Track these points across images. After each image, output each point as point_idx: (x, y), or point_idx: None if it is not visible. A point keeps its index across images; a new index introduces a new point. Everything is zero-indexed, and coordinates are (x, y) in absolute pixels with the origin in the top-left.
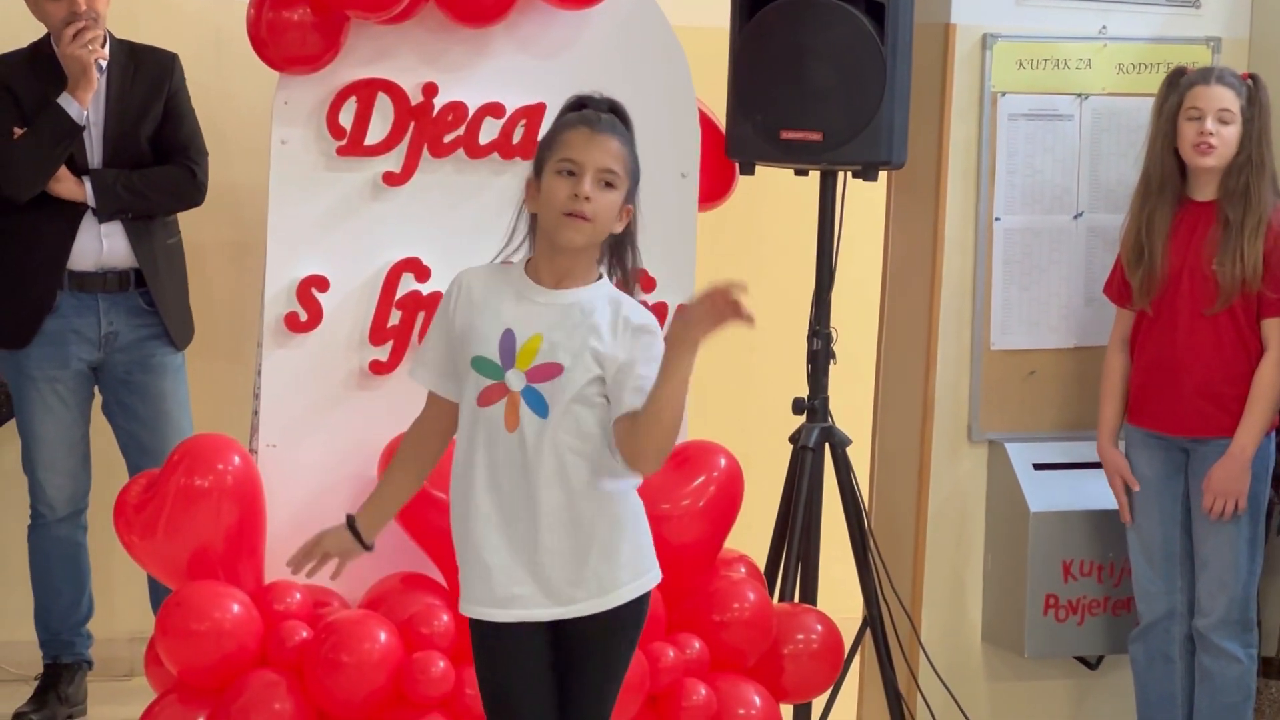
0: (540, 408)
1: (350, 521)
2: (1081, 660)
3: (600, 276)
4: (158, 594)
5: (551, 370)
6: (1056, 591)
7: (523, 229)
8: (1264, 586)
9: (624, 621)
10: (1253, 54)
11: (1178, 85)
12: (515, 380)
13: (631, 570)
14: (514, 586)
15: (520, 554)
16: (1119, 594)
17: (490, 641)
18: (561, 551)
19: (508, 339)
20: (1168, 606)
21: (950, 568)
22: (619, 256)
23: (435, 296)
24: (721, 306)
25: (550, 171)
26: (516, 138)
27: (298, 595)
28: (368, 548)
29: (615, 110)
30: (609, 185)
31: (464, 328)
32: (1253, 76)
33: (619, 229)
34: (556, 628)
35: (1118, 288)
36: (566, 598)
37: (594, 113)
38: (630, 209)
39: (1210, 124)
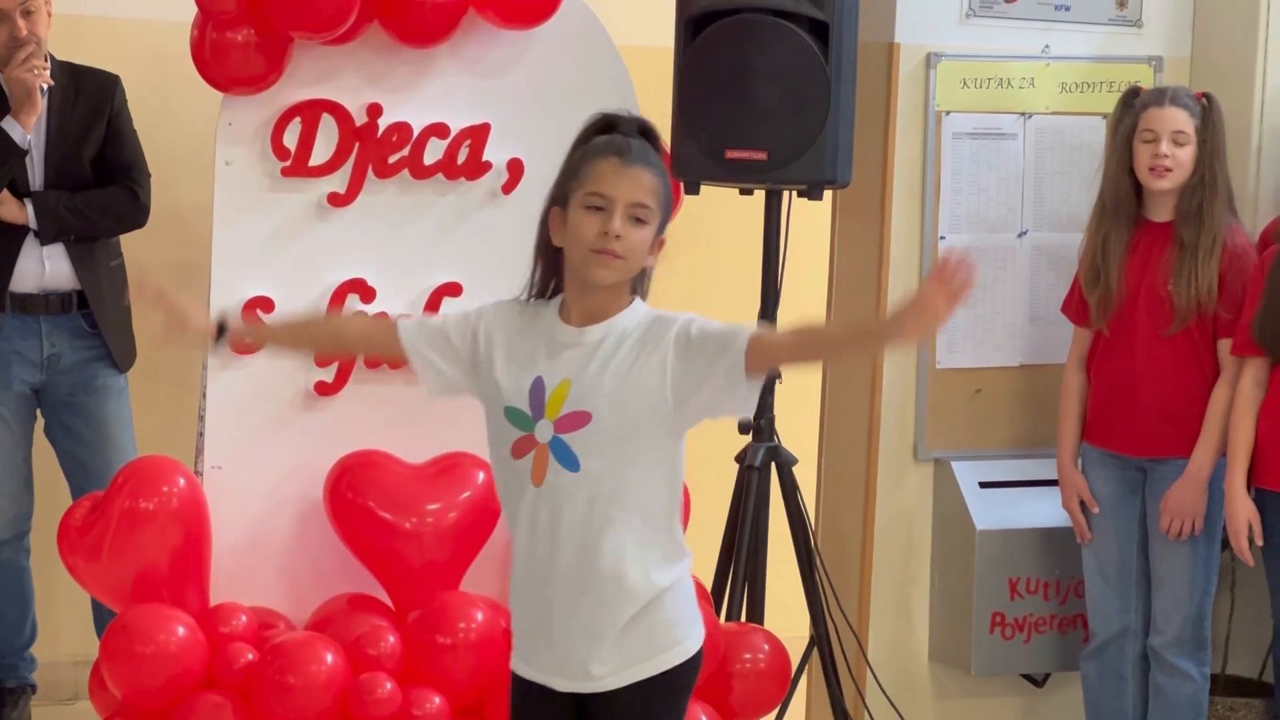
0: (569, 461)
1: (221, 323)
2: (1028, 678)
3: (633, 301)
4: (102, 617)
5: (579, 419)
6: (1003, 609)
7: (542, 263)
8: (1216, 605)
9: (661, 691)
10: (1194, 72)
11: (1132, 107)
12: (544, 431)
13: (668, 638)
14: (536, 648)
15: (540, 619)
16: (1066, 611)
17: (516, 692)
18: (577, 628)
19: (537, 387)
20: (1122, 625)
21: (897, 586)
22: (638, 287)
23: (380, 318)
24: (955, 287)
25: (578, 205)
26: (461, 158)
27: (243, 617)
28: (218, 334)
29: (645, 132)
30: (640, 221)
31: (486, 359)
32: (1207, 96)
33: (652, 263)
34: (582, 696)
35: (1076, 307)
36: (582, 674)
37: (624, 139)
38: (663, 241)
39: (1165, 146)
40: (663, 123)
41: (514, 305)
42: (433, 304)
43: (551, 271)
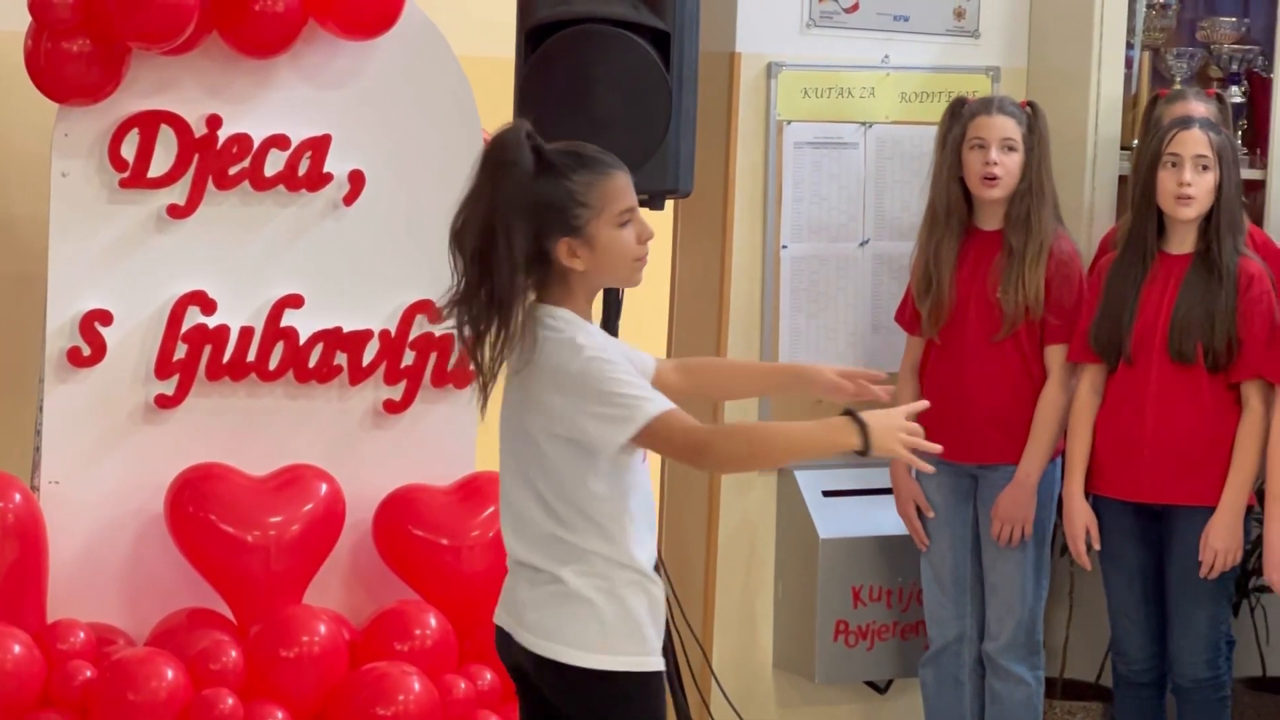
0: None
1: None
2: (871, 684)
3: None
4: None
5: None
6: (846, 617)
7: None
8: (1054, 611)
9: (570, 687)
10: (1030, 83)
11: (960, 115)
12: None
13: (552, 629)
14: None
15: None
16: (907, 618)
17: None
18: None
19: None
20: (958, 631)
21: (741, 595)
22: None
23: (222, 329)
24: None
25: (610, 225)
26: (302, 169)
27: (82, 634)
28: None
29: (531, 135)
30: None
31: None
32: (1031, 104)
33: None
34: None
35: (908, 316)
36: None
37: (601, 152)
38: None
39: (995, 153)
40: None
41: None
42: (274, 316)
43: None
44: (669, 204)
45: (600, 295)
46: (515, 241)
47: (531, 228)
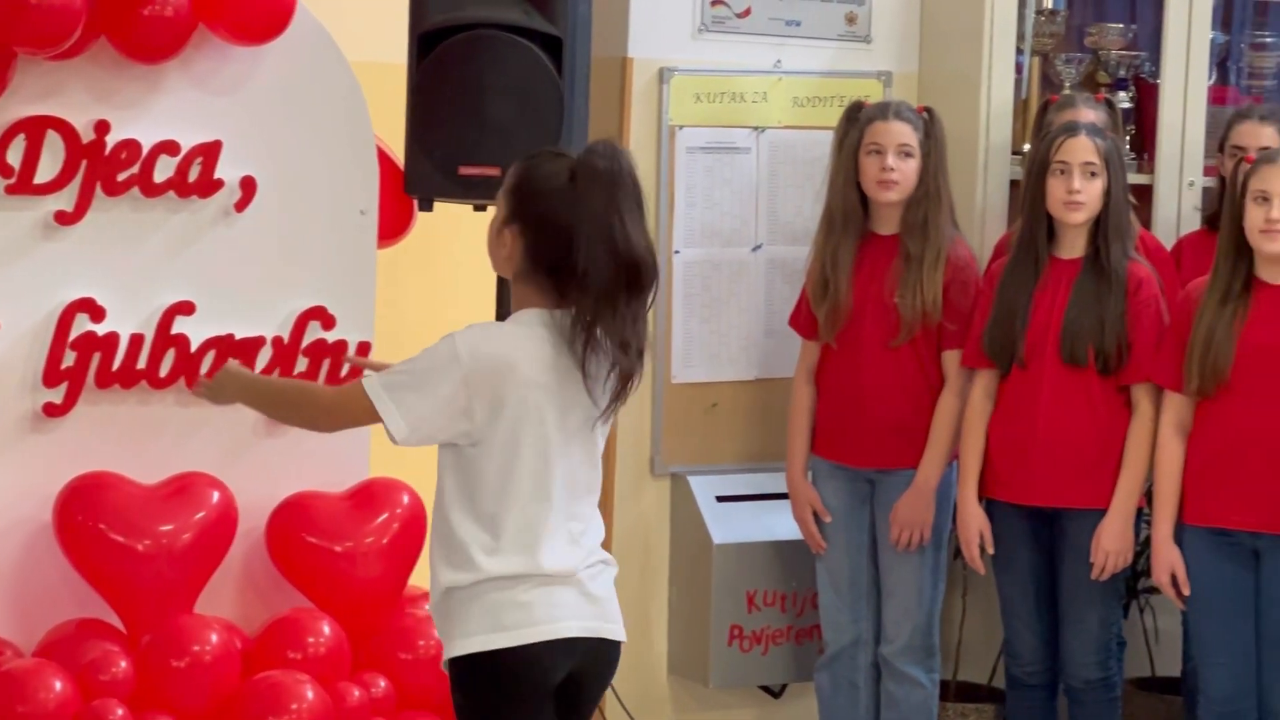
0: None
1: None
2: (766, 689)
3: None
4: None
5: None
6: (741, 622)
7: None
8: (948, 613)
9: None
10: (922, 87)
11: (857, 120)
12: None
13: (440, 631)
14: None
15: None
16: (802, 623)
17: None
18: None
19: None
20: (854, 635)
21: (635, 601)
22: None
23: (111, 337)
24: None
25: None
26: (193, 176)
27: None
28: None
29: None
30: None
31: None
32: (929, 110)
33: (502, 254)
34: None
35: (804, 320)
36: None
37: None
38: (515, 230)
39: (891, 159)
40: (396, 140)
41: None
42: (165, 323)
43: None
44: None
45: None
46: None
47: None
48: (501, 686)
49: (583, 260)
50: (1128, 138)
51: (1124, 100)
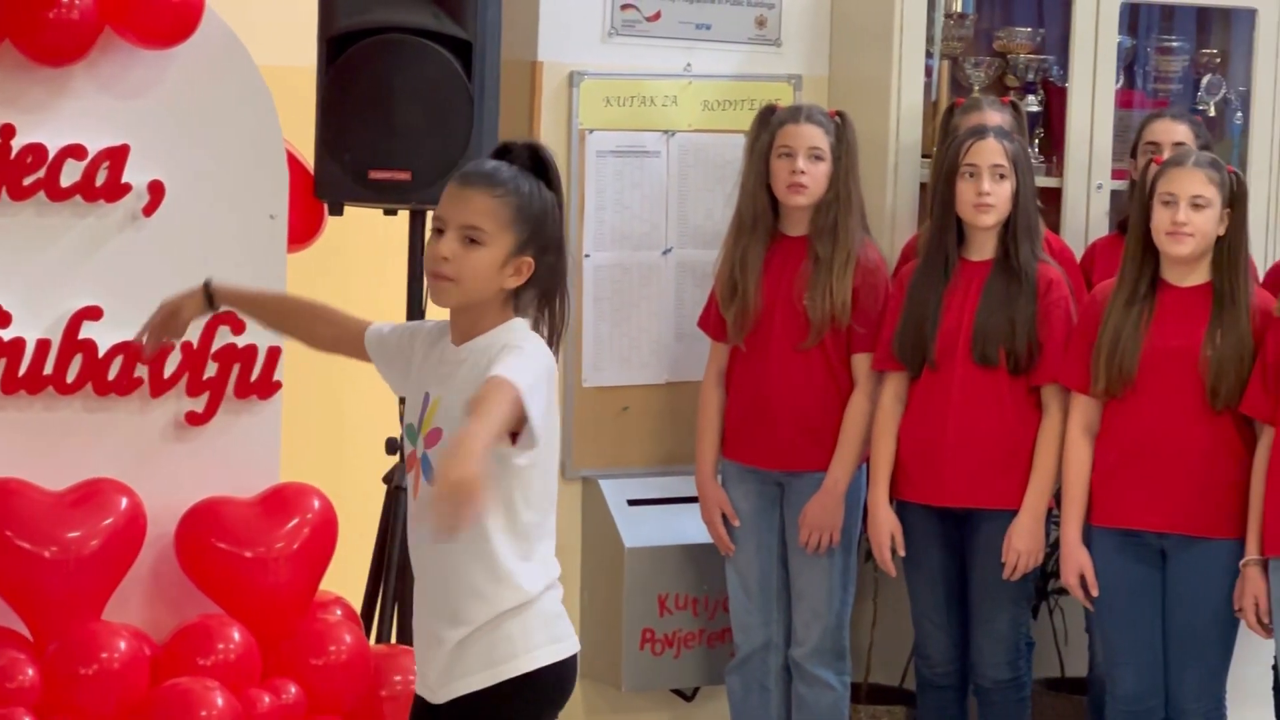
0: (430, 473)
1: (206, 282)
2: (678, 692)
3: (510, 320)
4: None
5: (435, 436)
6: (653, 625)
7: None
8: (859, 615)
9: (486, 706)
10: (832, 91)
11: (769, 124)
12: (420, 446)
13: (499, 653)
14: (418, 660)
15: (418, 629)
16: (714, 626)
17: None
18: (429, 630)
19: (424, 404)
20: (764, 637)
21: None
22: (546, 309)
23: (17, 342)
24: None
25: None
26: (100, 180)
27: None
28: (214, 308)
29: (533, 156)
30: (474, 242)
31: (408, 375)
32: (840, 114)
33: (513, 284)
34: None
35: (713, 323)
36: (429, 681)
37: (482, 164)
38: (529, 262)
39: (801, 162)
40: (306, 144)
41: (441, 326)
42: (72, 328)
43: None
44: None
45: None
46: None
47: None
48: (554, 698)
49: (562, 271)
50: (1036, 141)
51: (1033, 104)
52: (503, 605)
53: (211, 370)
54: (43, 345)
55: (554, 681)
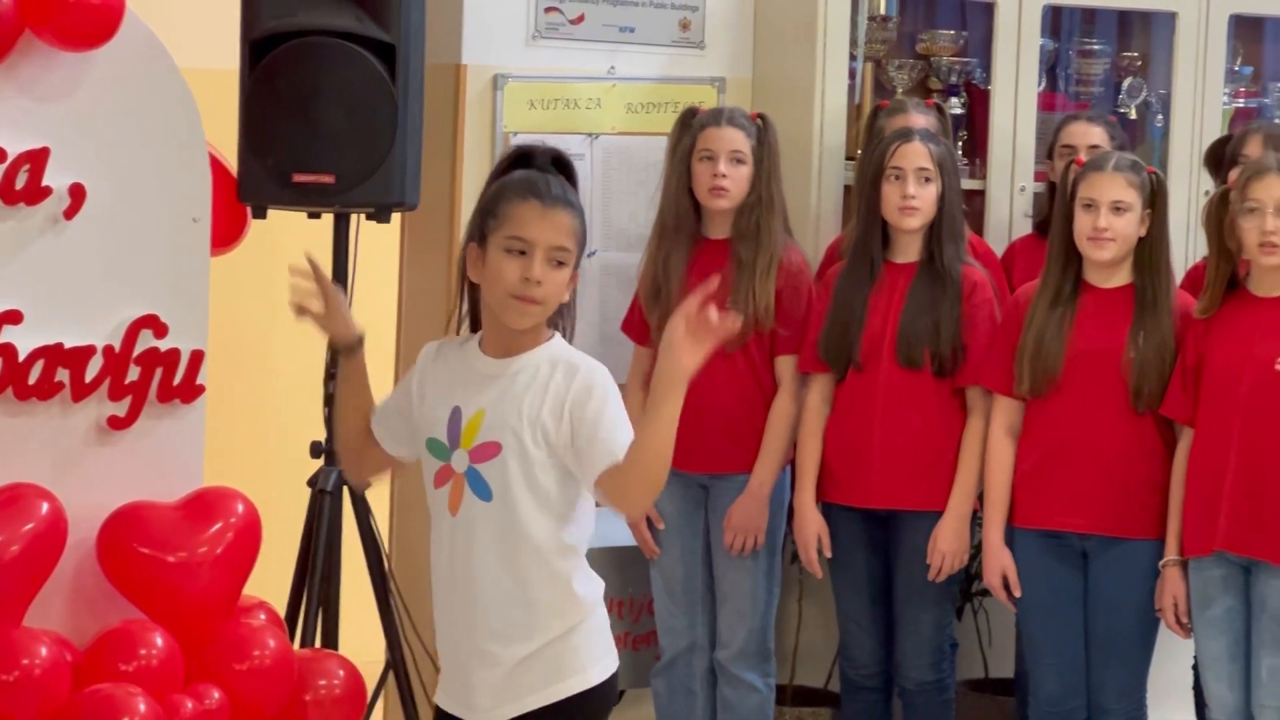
0: (482, 490)
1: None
2: None
3: (552, 336)
4: None
5: (490, 450)
6: None
7: (468, 299)
8: (784, 617)
9: None
10: (756, 93)
11: (690, 126)
12: (460, 461)
13: (567, 667)
14: (452, 681)
15: (458, 648)
16: (639, 629)
17: None
18: (479, 651)
19: (455, 417)
20: (689, 640)
21: None
22: (558, 317)
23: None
24: (700, 326)
25: (498, 247)
26: (20, 183)
27: None
28: (345, 352)
29: (560, 163)
30: (560, 264)
31: (419, 400)
32: (762, 117)
33: (566, 299)
34: None
35: (636, 326)
36: (478, 702)
37: (542, 178)
38: (577, 275)
39: (723, 165)
40: (229, 146)
41: (437, 343)
42: None
43: (475, 305)
44: (395, 217)
45: None
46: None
47: (470, 228)
48: (607, 710)
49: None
50: (960, 143)
51: (956, 106)
52: (572, 619)
53: (134, 374)
54: None
55: (609, 694)
